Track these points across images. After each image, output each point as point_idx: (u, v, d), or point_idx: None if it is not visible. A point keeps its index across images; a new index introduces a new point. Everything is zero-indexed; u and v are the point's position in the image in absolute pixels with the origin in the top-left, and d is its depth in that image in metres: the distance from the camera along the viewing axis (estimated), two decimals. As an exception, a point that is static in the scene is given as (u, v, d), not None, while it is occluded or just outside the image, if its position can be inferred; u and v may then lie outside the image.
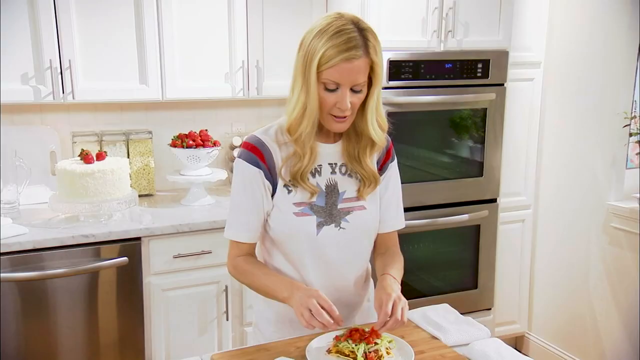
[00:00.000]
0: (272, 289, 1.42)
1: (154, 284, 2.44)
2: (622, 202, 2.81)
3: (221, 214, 2.55)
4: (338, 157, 1.47)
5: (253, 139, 1.44)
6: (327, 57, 1.29)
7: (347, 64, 1.29)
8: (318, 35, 1.31)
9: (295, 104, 1.36)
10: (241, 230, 1.47)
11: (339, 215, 1.46)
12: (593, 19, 2.87)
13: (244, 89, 2.73)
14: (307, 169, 1.41)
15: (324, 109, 1.36)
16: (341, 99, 1.33)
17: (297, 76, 1.37)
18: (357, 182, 1.48)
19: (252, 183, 1.42)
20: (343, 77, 1.31)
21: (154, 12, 2.54)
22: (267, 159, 1.41)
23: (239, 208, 1.46)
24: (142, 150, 2.81)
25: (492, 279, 3.08)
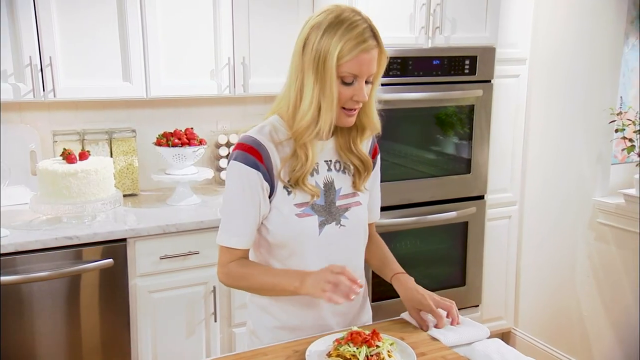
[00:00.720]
0: (278, 284, 1.37)
1: (140, 285, 2.39)
2: (607, 197, 2.83)
3: (208, 214, 2.51)
4: (332, 153, 1.46)
5: (249, 139, 1.38)
6: (347, 50, 1.28)
7: (365, 55, 1.29)
8: (329, 31, 1.29)
9: (309, 106, 1.32)
10: (237, 235, 1.41)
11: (338, 213, 1.45)
12: (578, 15, 2.88)
13: (230, 87, 2.68)
14: (308, 172, 1.39)
15: (339, 103, 1.34)
16: (359, 91, 1.33)
17: (306, 76, 1.32)
18: (351, 177, 1.48)
19: (251, 186, 1.36)
20: (362, 68, 1.30)
21: (138, 8, 2.48)
22: (265, 159, 1.37)
23: (235, 212, 1.40)
24: (125, 149, 2.75)
25: (480, 276, 3.09)
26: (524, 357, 1.35)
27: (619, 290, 2.79)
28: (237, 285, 1.46)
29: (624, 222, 2.73)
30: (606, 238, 2.83)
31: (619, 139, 2.79)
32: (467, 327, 1.48)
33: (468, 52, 2.78)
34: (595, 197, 2.85)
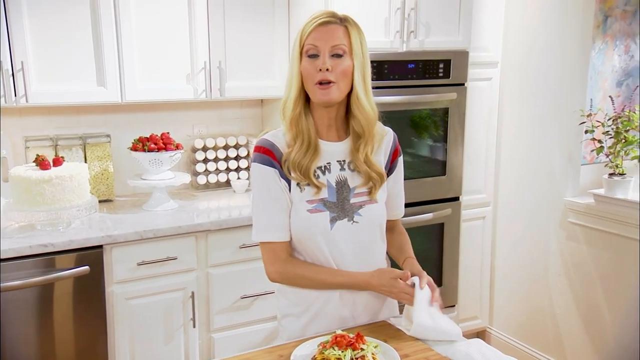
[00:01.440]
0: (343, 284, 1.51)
1: (117, 292, 2.36)
2: (578, 197, 2.90)
3: (185, 219, 2.49)
4: (346, 154, 1.53)
5: (263, 142, 1.50)
6: (308, 27, 1.44)
7: (322, 27, 1.43)
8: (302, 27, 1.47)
9: (288, 83, 1.48)
10: (274, 230, 1.49)
11: (351, 210, 1.52)
12: (547, 20, 2.95)
13: (206, 90, 2.67)
14: (309, 163, 1.46)
15: (309, 79, 1.44)
16: (322, 59, 1.42)
17: (289, 67, 1.50)
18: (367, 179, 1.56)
19: (272, 183, 1.48)
20: (320, 37, 1.42)
21: (111, 12, 2.46)
22: (278, 157, 1.48)
23: (265, 209, 1.49)
24: (100, 155, 2.71)
25: (456, 276, 3.13)
26: (505, 356, 1.37)
27: (590, 288, 2.86)
28: (294, 284, 1.55)
29: (594, 221, 2.80)
30: (577, 237, 2.90)
31: (588, 140, 2.86)
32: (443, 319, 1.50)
33: (442, 55, 2.82)
34: (566, 197, 2.92)
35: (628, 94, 3.00)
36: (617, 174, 2.74)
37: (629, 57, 2.99)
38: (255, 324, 2.62)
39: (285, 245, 1.52)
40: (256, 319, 2.62)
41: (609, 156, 2.77)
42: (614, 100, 2.89)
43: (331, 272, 1.50)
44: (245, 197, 2.88)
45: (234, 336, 2.59)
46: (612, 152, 2.75)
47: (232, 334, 2.59)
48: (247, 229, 2.53)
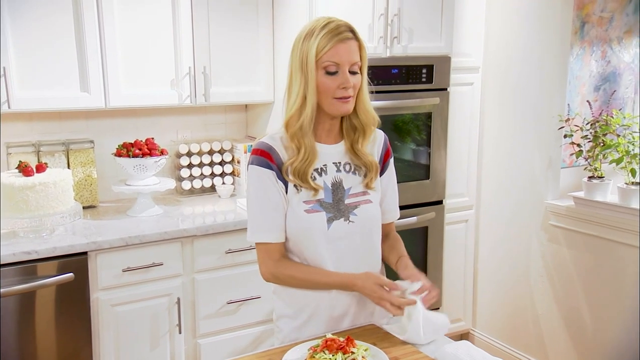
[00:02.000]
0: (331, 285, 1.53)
1: (103, 299, 2.35)
2: (558, 200, 2.95)
3: (170, 225, 2.49)
4: (342, 156, 1.58)
5: (261, 145, 1.52)
6: (324, 42, 1.43)
7: (342, 44, 1.44)
8: (308, 36, 1.46)
9: (295, 98, 1.47)
10: (269, 231, 1.52)
11: (347, 210, 1.55)
12: (527, 26, 3.00)
13: (191, 96, 2.67)
14: (307, 167, 1.50)
15: (327, 94, 1.46)
16: (343, 78, 1.45)
17: (294, 77, 1.49)
18: (362, 178, 1.59)
19: (269, 184, 1.50)
20: (341, 56, 1.44)
21: (95, 17, 2.45)
22: (276, 160, 1.50)
23: (261, 210, 1.52)
24: (83, 161, 2.69)
25: (440, 279, 3.16)
26: (493, 357, 1.40)
27: (571, 289, 2.91)
28: (286, 284, 1.57)
29: (575, 223, 2.85)
30: (558, 239, 2.95)
31: (567, 144, 2.92)
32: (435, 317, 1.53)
33: (425, 61, 2.85)
34: (547, 200, 2.97)
35: (605, 98, 3.07)
36: (596, 177, 2.80)
37: (605, 63, 3.05)
38: (242, 329, 2.62)
39: (279, 246, 1.54)
40: (242, 324, 2.62)
41: (587, 160, 2.82)
42: (591, 104, 2.95)
43: (320, 273, 1.53)
44: (230, 202, 2.88)
45: (220, 341, 2.59)
46: (590, 155, 2.81)
47: (218, 339, 2.59)
48: (233, 234, 2.54)
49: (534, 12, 2.96)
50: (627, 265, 2.66)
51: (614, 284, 2.73)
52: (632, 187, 2.65)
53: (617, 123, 2.76)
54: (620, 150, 2.69)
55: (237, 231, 2.54)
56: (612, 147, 2.71)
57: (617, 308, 2.72)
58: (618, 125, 2.77)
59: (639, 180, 2.68)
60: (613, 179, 2.78)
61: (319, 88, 1.46)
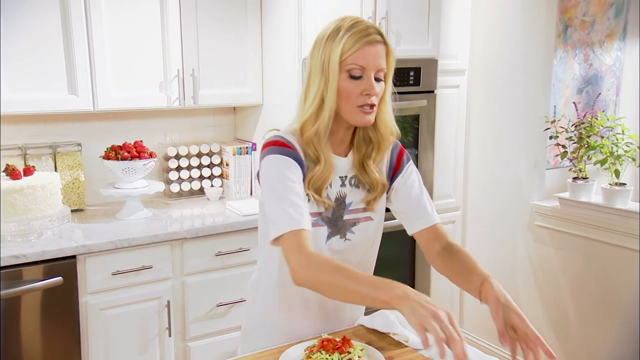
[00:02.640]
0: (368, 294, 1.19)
1: (91, 303, 2.33)
2: (544, 201, 3.00)
3: (160, 227, 2.48)
4: (348, 169, 1.45)
5: (280, 137, 1.37)
6: (350, 43, 1.31)
7: (370, 47, 1.32)
8: (332, 35, 1.34)
9: (312, 100, 1.36)
10: (301, 216, 1.29)
11: (344, 227, 1.45)
12: (512, 29, 3.04)
13: (179, 99, 2.67)
14: (325, 181, 1.38)
15: (349, 100, 1.34)
16: (368, 83, 1.32)
17: (312, 78, 1.37)
18: (365, 193, 1.46)
19: (296, 172, 1.34)
20: (368, 59, 1.31)
21: (82, 19, 2.43)
22: (299, 155, 1.37)
23: (289, 197, 1.30)
24: (70, 164, 2.67)
25: (428, 280, 3.19)
26: (487, 356, 1.41)
27: (557, 289, 2.96)
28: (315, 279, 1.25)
29: (560, 224, 2.89)
30: (544, 240, 2.99)
31: (551, 145, 2.96)
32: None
33: (412, 63, 2.88)
34: (532, 201, 3.01)
35: (588, 100, 3.12)
36: (580, 177, 2.85)
37: (588, 65, 3.11)
38: (232, 332, 2.62)
39: (309, 235, 1.30)
40: (232, 326, 2.61)
41: (572, 161, 2.87)
42: (577, 106, 3.00)
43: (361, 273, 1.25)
44: (219, 204, 2.88)
45: (210, 344, 2.58)
46: (575, 156, 2.85)
47: (208, 342, 2.58)
48: (223, 237, 2.54)
49: (519, 15, 3.01)
50: (612, 264, 2.71)
51: (599, 284, 2.77)
52: (616, 188, 2.70)
53: (601, 125, 2.81)
54: (604, 152, 2.74)
55: (226, 234, 2.54)
56: (597, 148, 2.76)
57: (602, 308, 2.77)
58: (602, 127, 2.82)
59: (622, 181, 2.73)
60: (597, 180, 2.83)
61: (340, 92, 1.33)
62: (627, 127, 2.81)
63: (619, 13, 3.14)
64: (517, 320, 1.31)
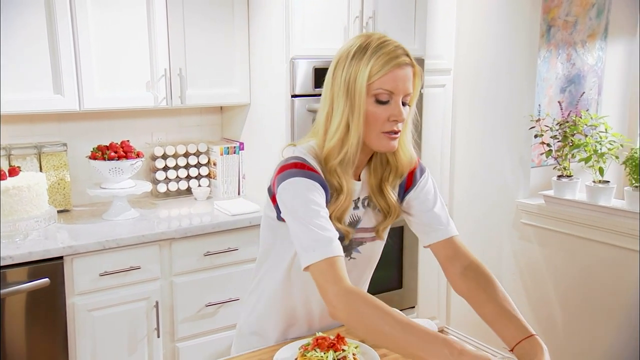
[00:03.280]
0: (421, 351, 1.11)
1: (79, 304, 2.31)
2: (529, 199, 3.03)
3: (148, 228, 2.47)
4: (362, 192, 1.41)
5: (302, 159, 1.29)
6: (379, 66, 1.24)
7: (399, 70, 1.25)
8: (358, 54, 1.27)
9: (337, 126, 1.28)
10: (332, 241, 1.22)
11: (351, 246, 1.42)
12: (497, 29, 3.07)
13: (167, 98, 2.65)
14: (346, 210, 1.33)
15: (375, 126, 1.27)
16: (396, 109, 1.26)
17: (335, 101, 1.29)
18: (378, 214, 1.43)
19: (320, 196, 1.26)
20: (397, 84, 1.25)
21: (68, 19, 2.41)
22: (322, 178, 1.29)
23: (319, 222, 1.22)
24: (56, 164, 2.64)
25: (416, 278, 3.21)
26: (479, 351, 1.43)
27: (543, 286, 2.99)
28: (359, 321, 1.17)
29: (545, 221, 2.93)
30: (529, 237, 3.02)
31: (536, 144, 3.00)
32: None
33: (399, 63, 2.89)
34: (518, 199, 3.05)
35: (571, 99, 3.16)
36: (565, 175, 2.88)
37: (570, 65, 3.15)
38: (221, 332, 2.61)
39: (343, 261, 1.23)
40: (221, 326, 2.61)
41: (557, 159, 2.91)
42: (562, 105, 3.04)
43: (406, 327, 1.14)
44: (207, 204, 2.87)
45: (199, 345, 2.57)
46: (560, 155, 2.89)
47: (197, 342, 2.57)
48: (212, 237, 2.53)
49: (504, 15, 3.04)
50: (596, 261, 2.75)
51: (583, 280, 2.81)
52: (599, 186, 2.74)
53: (584, 123, 2.85)
54: (588, 150, 2.78)
55: (215, 233, 2.54)
56: (581, 146, 2.80)
57: (587, 304, 2.81)
58: (586, 125, 2.86)
59: (606, 178, 2.77)
60: (581, 178, 2.87)
61: (367, 118, 1.26)
62: (610, 126, 2.85)
63: (601, 13, 3.19)
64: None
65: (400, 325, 1.13)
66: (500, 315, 1.33)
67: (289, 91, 2.60)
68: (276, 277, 1.45)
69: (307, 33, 2.62)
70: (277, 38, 2.62)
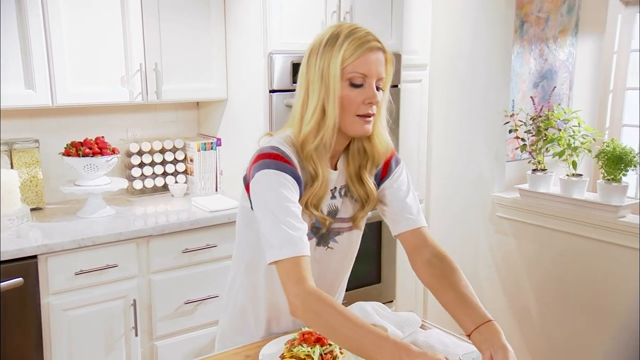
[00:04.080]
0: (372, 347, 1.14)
1: (54, 304, 2.26)
2: (504, 193, 3.07)
3: (124, 225, 2.43)
4: (338, 181, 1.42)
5: (277, 149, 1.30)
6: (351, 50, 1.27)
7: (371, 54, 1.29)
8: (330, 42, 1.30)
9: (313, 112, 1.31)
10: (300, 241, 1.24)
11: (329, 236, 1.43)
12: (472, 25, 3.11)
13: (142, 93, 2.61)
14: (322, 197, 1.35)
15: (350, 109, 1.30)
16: (370, 92, 1.29)
17: (311, 89, 1.32)
18: (355, 203, 1.44)
19: (292, 191, 1.28)
20: (370, 67, 1.28)
21: (40, 12, 2.34)
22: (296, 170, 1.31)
23: (287, 219, 1.24)
24: (28, 161, 2.58)
25: (394, 272, 3.23)
26: (463, 343, 1.45)
27: (518, 279, 3.04)
28: (316, 320, 1.20)
29: (520, 214, 2.98)
30: (505, 230, 3.07)
31: (511, 138, 3.04)
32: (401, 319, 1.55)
33: (376, 58, 2.90)
34: (493, 193, 3.09)
35: (544, 94, 3.22)
36: (539, 169, 2.93)
37: (543, 60, 3.20)
38: (200, 329, 2.59)
39: (309, 261, 1.25)
40: (200, 323, 2.59)
41: (531, 153, 2.95)
42: (534, 100, 3.09)
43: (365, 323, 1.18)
44: (184, 201, 2.84)
45: (178, 342, 2.55)
46: (534, 149, 2.94)
47: (176, 340, 2.54)
48: (190, 233, 2.51)
49: (478, 11, 3.07)
50: (569, 252, 2.80)
51: (557, 272, 2.87)
52: (573, 179, 2.79)
53: (557, 118, 2.90)
54: (561, 144, 2.83)
55: (193, 230, 2.51)
56: (554, 140, 2.85)
57: (560, 294, 2.86)
58: (559, 119, 2.91)
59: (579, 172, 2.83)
60: (555, 171, 2.93)
61: (342, 102, 1.29)
62: (582, 120, 2.91)
63: (571, 10, 3.25)
64: None
65: (355, 327, 1.16)
66: (459, 302, 1.36)
67: (266, 86, 2.59)
68: (256, 270, 1.45)
69: (285, 28, 2.61)
70: (255, 33, 2.60)
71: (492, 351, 1.20)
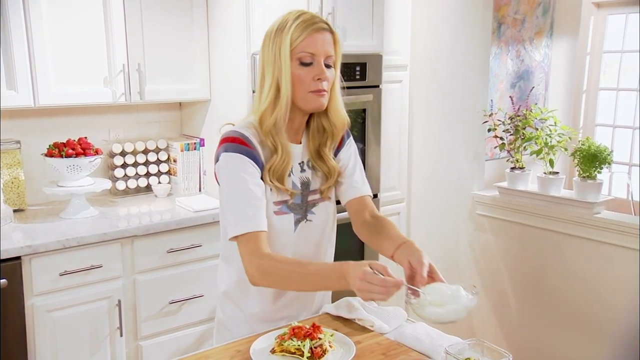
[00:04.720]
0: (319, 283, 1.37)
1: (38, 305, 2.25)
2: (484, 191, 3.14)
3: (108, 226, 2.42)
4: (304, 155, 1.53)
5: (235, 133, 1.43)
6: (298, 32, 1.39)
7: (317, 34, 1.41)
8: (280, 27, 1.43)
9: (268, 91, 1.42)
10: (255, 217, 1.38)
11: (307, 209, 1.52)
12: (451, 26, 3.16)
13: (125, 94, 2.61)
14: (285, 169, 1.45)
15: (302, 86, 1.41)
16: (319, 69, 1.41)
17: (266, 71, 1.44)
18: (320, 176, 1.55)
19: (251, 172, 1.40)
20: (317, 46, 1.40)
21: (21, 12, 2.33)
22: (254, 149, 1.42)
23: (244, 198, 1.39)
24: (9, 162, 2.56)
25: (376, 270, 3.26)
26: (449, 336, 1.49)
27: (497, 274, 3.10)
28: (269, 281, 1.39)
29: (499, 212, 3.04)
30: (484, 227, 3.13)
31: (490, 137, 3.10)
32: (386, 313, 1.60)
33: (358, 59, 2.94)
34: (473, 191, 3.15)
35: (521, 95, 3.29)
36: (517, 167, 3.00)
37: (519, 61, 3.28)
38: (185, 329, 2.60)
39: (265, 236, 1.39)
40: (185, 323, 2.59)
41: (510, 152, 3.02)
42: (513, 100, 3.16)
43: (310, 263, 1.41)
44: (168, 201, 2.84)
45: (163, 342, 2.55)
46: (512, 148, 3.00)
47: (161, 340, 2.55)
48: (174, 233, 2.51)
49: (457, 12, 3.13)
50: (546, 248, 2.87)
51: (535, 267, 2.93)
52: (550, 177, 2.86)
53: (535, 117, 2.97)
54: (539, 143, 2.90)
55: (177, 230, 2.52)
56: (532, 139, 2.92)
57: (538, 289, 2.93)
58: (536, 119, 2.98)
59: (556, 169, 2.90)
60: (533, 169, 2.99)
61: (294, 80, 1.41)
62: (558, 119, 2.98)
63: (546, 12, 3.33)
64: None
65: (303, 271, 1.35)
66: (385, 236, 1.51)
67: (250, 86, 2.61)
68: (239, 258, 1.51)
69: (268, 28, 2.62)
70: (238, 33, 2.62)
71: (409, 258, 1.40)
